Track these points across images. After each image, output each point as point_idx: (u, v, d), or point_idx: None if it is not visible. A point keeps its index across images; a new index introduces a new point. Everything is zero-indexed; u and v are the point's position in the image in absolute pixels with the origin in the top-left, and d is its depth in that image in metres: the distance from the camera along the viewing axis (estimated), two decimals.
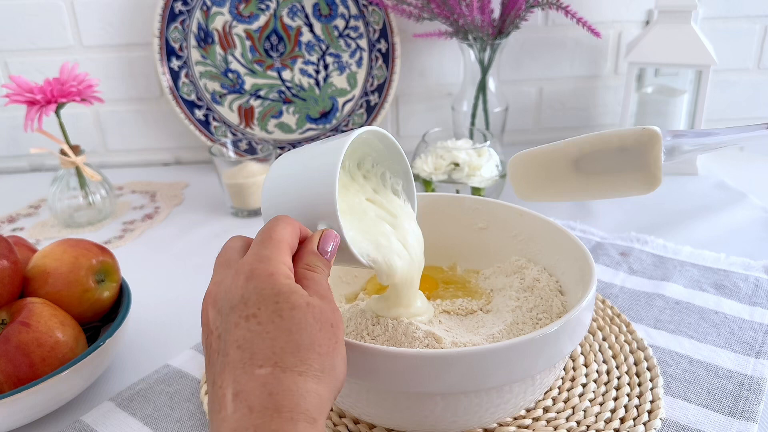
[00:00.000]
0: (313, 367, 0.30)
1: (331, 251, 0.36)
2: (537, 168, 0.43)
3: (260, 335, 0.30)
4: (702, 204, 0.77)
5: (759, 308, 0.55)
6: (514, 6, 0.77)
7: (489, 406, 0.38)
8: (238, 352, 0.30)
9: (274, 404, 0.28)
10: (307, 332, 0.31)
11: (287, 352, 0.30)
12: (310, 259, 0.35)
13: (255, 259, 0.33)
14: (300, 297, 0.31)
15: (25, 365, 0.44)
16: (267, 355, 0.30)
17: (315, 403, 0.29)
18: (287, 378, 0.29)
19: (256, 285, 0.31)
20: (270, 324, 0.30)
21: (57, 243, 0.52)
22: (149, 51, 0.94)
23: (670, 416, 0.44)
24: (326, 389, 0.30)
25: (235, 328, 0.31)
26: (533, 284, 0.48)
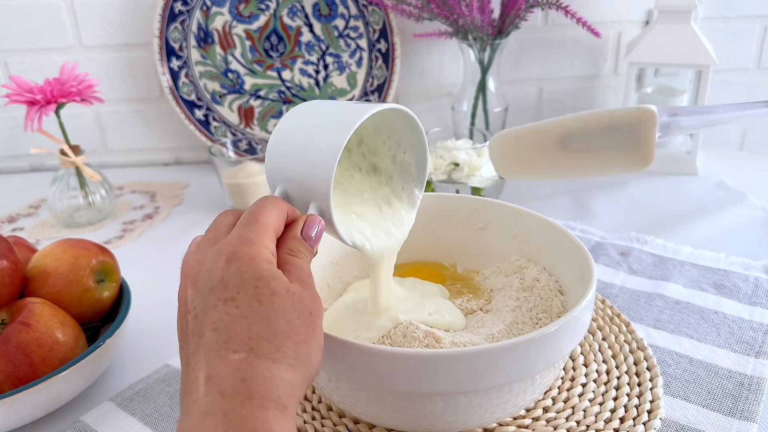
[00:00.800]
0: (287, 354, 0.30)
1: (315, 237, 0.35)
2: (520, 146, 0.42)
3: (237, 319, 0.30)
4: (702, 204, 0.77)
5: (759, 308, 0.55)
6: (514, 6, 0.77)
7: (489, 406, 0.38)
8: (213, 334, 0.30)
9: (245, 390, 0.28)
10: (285, 319, 0.30)
11: (263, 338, 0.30)
12: (294, 244, 0.35)
13: (238, 241, 0.32)
14: (280, 283, 0.31)
15: (25, 365, 0.44)
16: (242, 340, 0.29)
17: (287, 390, 0.29)
18: (261, 365, 0.29)
19: (238, 268, 0.31)
20: (248, 309, 0.30)
21: (57, 243, 0.52)
22: (149, 51, 0.94)
23: (670, 416, 0.44)
24: (299, 377, 0.30)
25: (212, 310, 0.30)
26: (533, 284, 0.48)
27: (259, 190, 0.79)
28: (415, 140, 0.42)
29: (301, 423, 0.43)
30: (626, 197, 0.80)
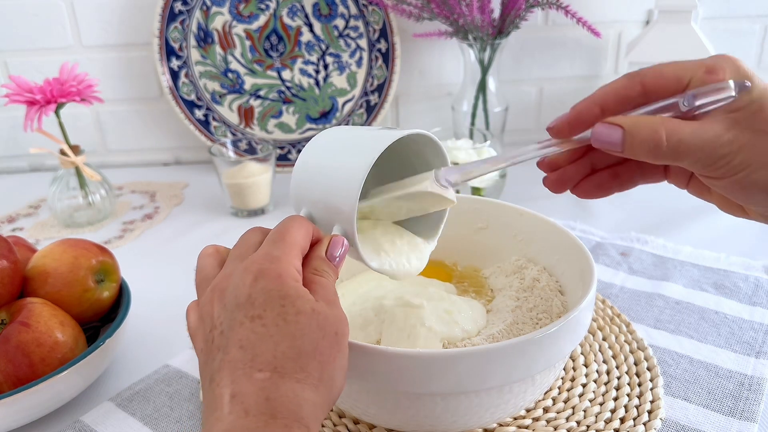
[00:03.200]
0: (312, 375, 0.30)
1: (339, 257, 0.36)
2: None
3: (263, 338, 0.30)
4: (702, 204, 0.76)
5: (759, 308, 0.55)
6: (514, 6, 0.77)
7: (489, 406, 0.38)
8: (240, 352, 0.30)
9: (270, 409, 0.28)
10: (309, 339, 0.31)
11: (288, 357, 0.30)
12: (319, 264, 0.35)
13: (265, 258, 0.33)
14: (306, 302, 0.31)
15: (25, 365, 0.44)
16: (268, 359, 0.30)
17: (310, 411, 0.29)
18: (285, 384, 0.29)
19: (264, 286, 0.31)
20: (274, 327, 0.30)
21: (57, 243, 0.52)
22: (149, 51, 0.94)
23: (670, 416, 0.44)
24: (321, 399, 0.30)
25: (239, 327, 0.31)
26: (533, 284, 0.48)
27: (259, 190, 0.79)
28: (439, 163, 0.42)
29: None
30: (626, 197, 0.79)
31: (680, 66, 0.33)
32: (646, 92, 0.34)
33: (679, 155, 0.32)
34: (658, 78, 0.33)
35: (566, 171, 0.38)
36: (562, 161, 0.38)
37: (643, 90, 0.34)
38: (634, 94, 0.34)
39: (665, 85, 0.33)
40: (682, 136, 0.31)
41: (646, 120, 0.32)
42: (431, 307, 0.44)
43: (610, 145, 0.33)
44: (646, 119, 0.32)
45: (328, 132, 0.41)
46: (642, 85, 0.34)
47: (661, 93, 0.33)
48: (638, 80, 0.34)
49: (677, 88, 0.33)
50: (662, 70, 0.33)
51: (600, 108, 0.34)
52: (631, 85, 0.34)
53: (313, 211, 0.39)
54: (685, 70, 0.33)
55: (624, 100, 0.34)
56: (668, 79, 0.33)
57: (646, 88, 0.34)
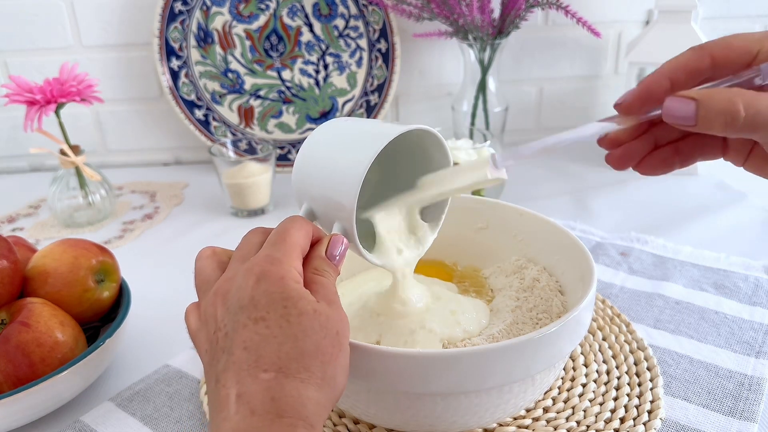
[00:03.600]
0: (315, 374, 0.30)
1: (339, 256, 0.36)
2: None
3: (267, 339, 0.30)
4: (702, 204, 0.77)
5: (759, 308, 0.55)
6: (514, 6, 0.77)
7: (489, 406, 0.38)
8: (244, 353, 0.30)
9: (275, 409, 0.29)
10: (312, 339, 0.31)
11: (291, 358, 0.30)
12: (319, 264, 0.35)
13: (267, 260, 0.33)
14: (307, 303, 0.32)
15: (25, 365, 0.44)
16: (272, 360, 0.30)
17: (314, 410, 0.30)
18: (289, 384, 0.30)
19: (267, 288, 0.32)
20: (277, 329, 0.31)
21: (57, 243, 0.52)
22: (149, 51, 0.94)
23: (670, 416, 0.44)
24: (325, 397, 0.31)
25: (243, 329, 0.31)
26: (533, 284, 0.48)
27: (259, 190, 0.79)
28: (441, 158, 0.42)
29: None
30: (626, 197, 0.80)
31: (748, 37, 0.33)
32: (715, 65, 0.33)
33: (757, 127, 0.31)
34: (727, 50, 0.33)
35: (630, 147, 0.37)
36: (625, 137, 0.37)
37: (712, 62, 0.33)
38: (704, 66, 0.33)
39: (734, 57, 0.33)
40: (760, 107, 0.31)
41: (720, 92, 0.31)
42: (436, 307, 0.44)
43: (683, 120, 0.32)
44: (720, 91, 0.31)
45: (329, 124, 0.40)
46: (711, 57, 0.33)
47: (730, 65, 0.33)
48: (707, 52, 0.33)
49: (746, 59, 0.33)
50: (730, 42, 0.33)
51: (670, 81, 0.33)
52: (699, 57, 0.33)
53: (313, 206, 0.38)
54: (753, 42, 0.33)
55: (693, 72, 0.33)
56: (737, 50, 0.33)
57: (715, 60, 0.33)
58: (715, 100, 0.31)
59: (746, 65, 0.33)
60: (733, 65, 0.33)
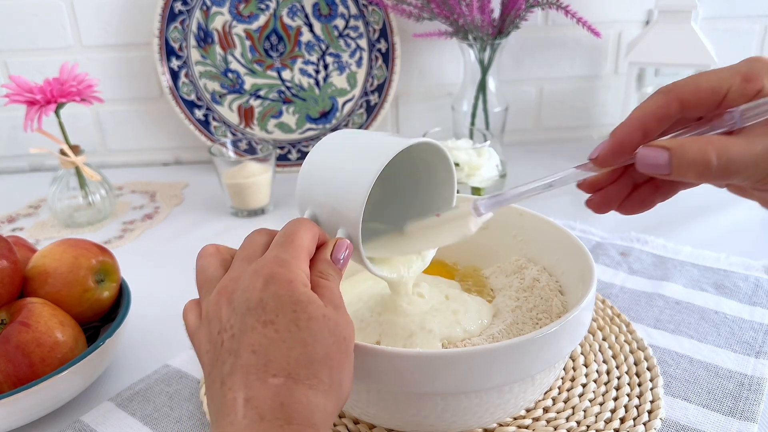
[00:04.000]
0: (323, 381, 0.30)
1: (343, 260, 0.36)
2: None
3: (276, 343, 0.30)
4: (702, 204, 0.77)
5: (759, 308, 0.55)
6: (514, 6, 0.77)
7: (489, 406, 0.38)
8: (252, 356, 0.30)
9: (284, 415, 0.29)
10: (321, 345, 0.31)
11: (301, 364, 0.30)
12: (324, 267, 0.35)
13: (275, 262, 0.33)
14: (317, 308, 0.32)
15: (25, 365, 0.44)
16: (281, 365, 0.30)
17: (322, 417, 0.30)
18: (299, 390, 0.29)
19: (275, 291, 0.31)
20: (287, 333, 0.31)
21: (57, 243, 0.52)
22: (149, 51, 0.94)
23: (670, 416, 0.44)
24: (332, 404, 0.31)
25: (251, 332, 0.31)
26: (533, 284, 0.48)
27: (259, 190, 0.79)
28: (445, 174, 0.42)
29: None
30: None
31: (715, 76, 0.33)
32: (684, 107, 0.33)
33: (730, 174, 0.31)
34: (696, 92, 0.33)
35: (609, 192, 0.38)
36: (604, 181, 0.37)
37: (680, 106, 0.33)
38: (673, 111, 0.33)
39: (703, 98, 0.33)
40: (731, 154, 0.31)
41: (692, 141, 0.31)
42: (441, 307, 0.44)
43: (657, 168, 0.32)
44: (692, 140, 0.32)
45: (336, 135, 0.41)
46: (679, 101, 0.33)
47: (699, 106, 0.33)
48: (674, 96, 0.33)
49: (716, 99, 0.33)
50: (698, 84, 0.33)
51: (641, 131, 0.34)
52: (667, 102, 0.33)
53: (318, 212, 0.39)
54: (721, 81, 0.32)
55: (663, 118, 0.33)
56: (705, 91, 0.33)
57: (684, 103, 0.33)
58: (688, 150, 0.31)
59: (716, 104, 0.33)
60: (702, 106, 0.33)
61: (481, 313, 0.45)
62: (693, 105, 0.33)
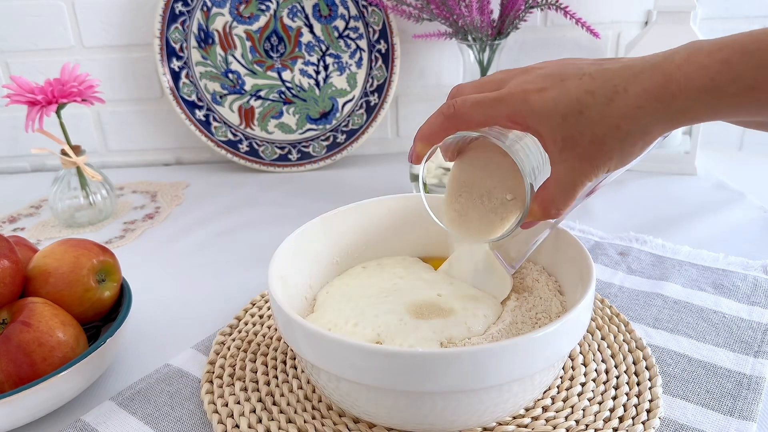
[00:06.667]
0: None
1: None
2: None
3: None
4: (701, 204, 0.77)
5: (757, 307, 0.55)
6: (513, 6, 0.77)
7: (488, 405, 0.38)
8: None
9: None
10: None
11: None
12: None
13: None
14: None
15: (26, 365, 0.44)
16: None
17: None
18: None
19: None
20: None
21: (58, 243, 0.52)
22: (150, 52, 0.94)
23: (669, 415, 0.44)
24: None
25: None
26: (533, 284, 0.48)
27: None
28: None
29: (302, 423, 0.43)
30: (625, 197, 0.80)
31: (489, 112, 0.38)
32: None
33: (566, 206, 0.39)
34: (470, 124, 0.39)
35: None
36: None
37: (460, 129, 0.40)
38: (455, 131, 0.40)
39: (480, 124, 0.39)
40: (555, 197, 0.38)
41: (533, 201, 0.40)
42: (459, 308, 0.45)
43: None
44: (533, 200, 0.40)
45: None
46: (457, 128, 0.39)
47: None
48: (454, 124, 0.39)
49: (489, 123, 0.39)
50: (473, 118, 0.38)
51: (434, 142, 0.41)
52: (449, 128, 0.39)
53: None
54: (491, 119, 0.38)
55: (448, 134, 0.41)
56: (480, 123, 0.39)
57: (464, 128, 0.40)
58: (536, 212, 0.40)
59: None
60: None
61: (488, 318, 0.45)
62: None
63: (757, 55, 0.30)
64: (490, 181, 0.44)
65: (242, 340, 0.52)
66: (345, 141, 0.95)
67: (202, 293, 0.62)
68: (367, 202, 0.54)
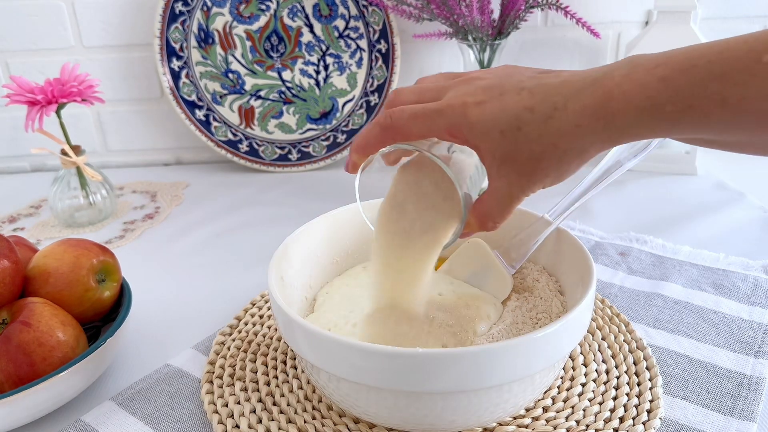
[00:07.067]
0: None
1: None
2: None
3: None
4: (701, 204, 0.77)
5: (758, 308, 0.55)
6: (514, 6, 0.77)
7: (489, 405, 0.38)
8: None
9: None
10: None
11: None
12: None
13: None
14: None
15: (26, 365, 0.44)
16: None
17: None
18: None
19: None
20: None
21: (58, 243, 0.52)
22: (150, 51, 0.94)
23: (670, 416, 0.44)
24: None
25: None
26: (533, 284, 0.48)
27: None
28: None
29: (302, 423, 0.43)
30: (625, 197, 0.80)
31: (426, 126, 0.37)
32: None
33: (502, 219, 0.40)
34: (408, 136, 0.38)
35: None
36: None
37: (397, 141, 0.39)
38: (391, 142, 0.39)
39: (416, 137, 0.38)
40: (491, 211, 0.39)
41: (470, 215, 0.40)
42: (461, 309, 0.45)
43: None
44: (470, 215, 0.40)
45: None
46: (394, 140, 0.39)
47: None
48: (391, 135, 0.38)
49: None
50: (410, 131, 0.38)
51: (370, 151, 0.40)
52: (385, 139, 0.38)
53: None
54: (429, 132, 0.37)
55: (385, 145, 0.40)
56: (417, 136, 0.38)
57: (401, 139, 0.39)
58: (473, 225, 0.41)
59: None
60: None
61: (491, 318, 0.45)
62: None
63: (693, 72, 0.29)
64: (428, 192, 0.42)
65: (242, 340, 0.52)
66: (345, 141, 0.95)
67: (202, 293, 0.62)
68: (367, 203, 0.54)
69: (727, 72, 0.29)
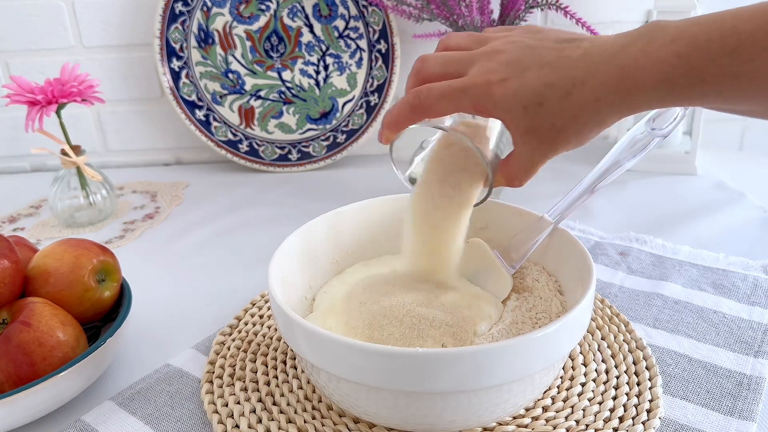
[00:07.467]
0: None
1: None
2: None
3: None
4: (701, 204, 0.77)
5: (758, 308, 0.55)
6: (514, 7, 0.77)
7: (488, 405, 0.38)
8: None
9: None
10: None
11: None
12: None
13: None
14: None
15: (26, 365, 0.44)
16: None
17: None
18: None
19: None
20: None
21: (58, 243, 0.52)
22: (150, 51, 0.94)
23: (669, 415, 0.44)
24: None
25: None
26: (533, 284, 0.48)
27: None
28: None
29: (302, 423, 0.43)
30: (625, 197, 0.80)
31: (452, 104, 0.40)
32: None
33: (527, 178, 0.42)
34: (438, 113, 0.40)
35: None
36: None
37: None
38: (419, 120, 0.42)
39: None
40: (517, 173, 0.41)
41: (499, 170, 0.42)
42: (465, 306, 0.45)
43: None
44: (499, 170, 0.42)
45: None
46: (421, 118, 0.41)
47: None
48: (420, 114, 0.41)
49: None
50: (440, 109, 0.40)
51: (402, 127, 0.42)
52: (414, 119, 0.41)
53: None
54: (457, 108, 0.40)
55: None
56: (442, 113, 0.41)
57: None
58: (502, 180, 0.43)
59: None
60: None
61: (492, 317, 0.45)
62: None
63: (708, 48, 0.31)
64: (459, 157, 0.46)
65: (242, 340, 0.52)
66: (345, 141, 0.95)
67: (202, 293, 0.62)
68: (367, 202, 0.54)
69: (740, 46, 0.30)
